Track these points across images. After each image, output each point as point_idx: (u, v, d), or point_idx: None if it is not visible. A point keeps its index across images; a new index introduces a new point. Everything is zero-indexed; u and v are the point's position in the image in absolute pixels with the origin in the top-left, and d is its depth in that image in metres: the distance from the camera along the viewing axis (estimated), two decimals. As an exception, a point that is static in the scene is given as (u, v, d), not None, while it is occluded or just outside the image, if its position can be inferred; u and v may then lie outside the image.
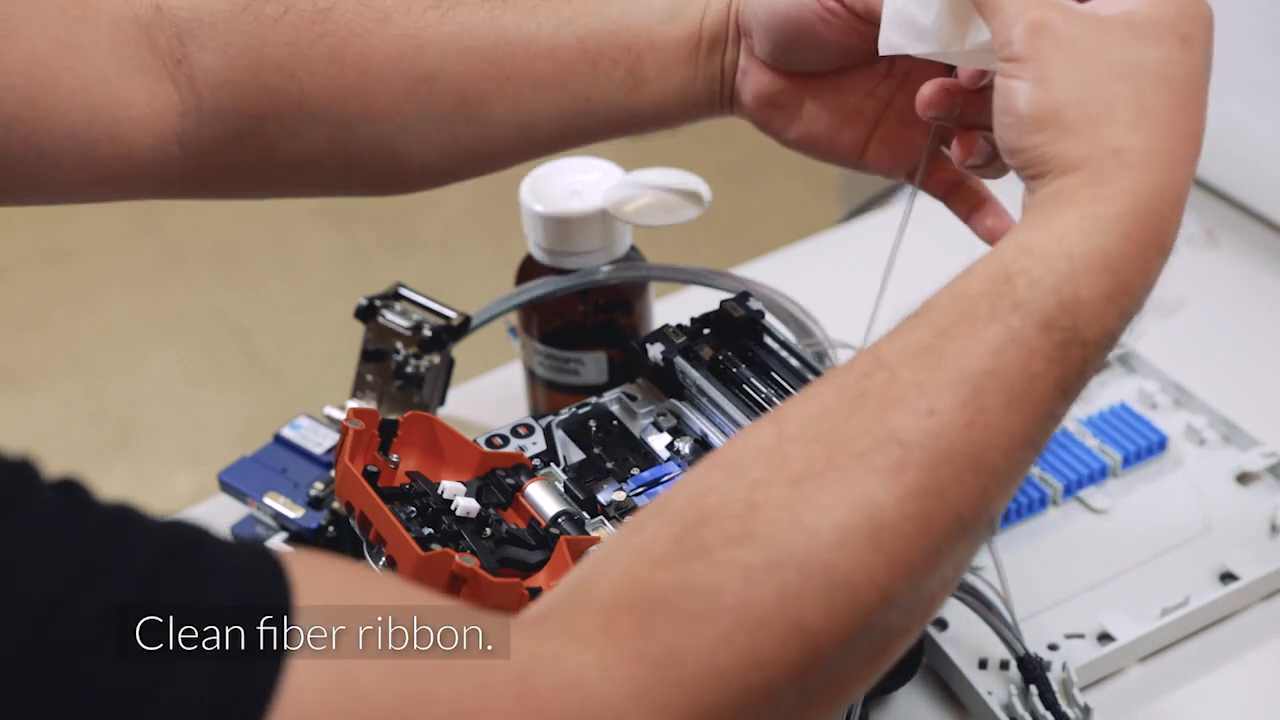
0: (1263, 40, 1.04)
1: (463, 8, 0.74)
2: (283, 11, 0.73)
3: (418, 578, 0.66)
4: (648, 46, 0.75)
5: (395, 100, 0.73)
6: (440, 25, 0.73)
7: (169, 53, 0.72)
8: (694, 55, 0.76)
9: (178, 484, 1.99)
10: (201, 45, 0.73)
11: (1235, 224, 1.10)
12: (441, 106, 0.74)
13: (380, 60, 0.73)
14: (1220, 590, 0.82)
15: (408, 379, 0.88)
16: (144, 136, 0.72)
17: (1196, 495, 0.88)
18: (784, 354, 0.78)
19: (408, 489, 0.72)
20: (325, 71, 0.73)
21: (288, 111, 0.73)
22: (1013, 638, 0.77)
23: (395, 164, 0.76)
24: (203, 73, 0.73)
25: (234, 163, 0.75)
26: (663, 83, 0.76)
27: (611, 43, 0.75)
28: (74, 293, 2.29)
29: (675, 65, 0.76)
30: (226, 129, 0.73)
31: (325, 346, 2.14)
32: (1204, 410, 0.92)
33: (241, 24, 0.73)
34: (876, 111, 0.76)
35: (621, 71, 0.75)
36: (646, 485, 0.74)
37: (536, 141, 0.77)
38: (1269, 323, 1.02)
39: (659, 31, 0.75)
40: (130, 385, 2.15)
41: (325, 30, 0.73)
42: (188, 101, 0.73)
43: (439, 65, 0.73)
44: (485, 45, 0.74)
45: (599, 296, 0.91)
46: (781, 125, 0.77)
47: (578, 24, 0.75)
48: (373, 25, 0.73)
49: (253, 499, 0.86)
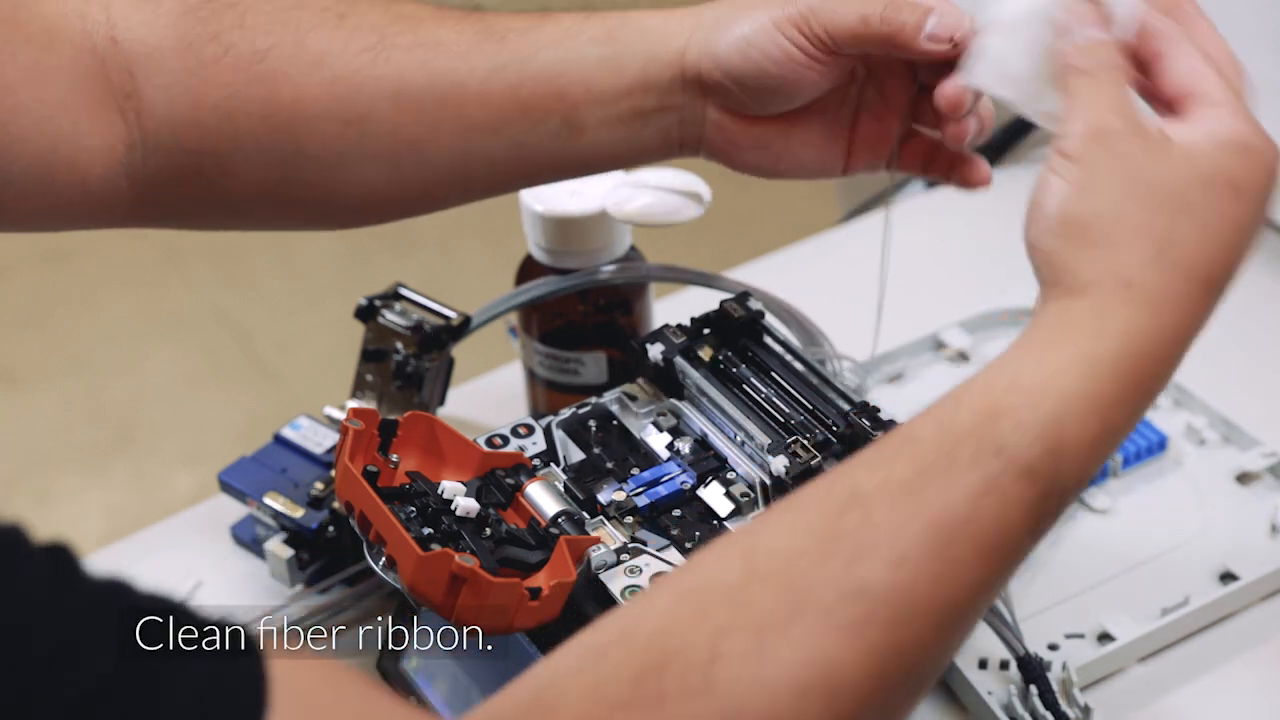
0: (1263, 40, 1.04)
1: (396, 52, 0.73)
2: (223, 52, 0.73)
3: (418, 577, 0.66)
4: (583, 96, 0.74)
5: (328, 142, 0.74)
6: (373, 69, 0.73)
7: (120, 86, 0.73)
8: (638, 107, 0.74)
9: (178, 484, 1.99)
10: (148, 80, 0.73)
11: (1235, 224, 1.09)
12: (374, 148, 0.74)
13: (312, 102, 0.73)
14: (1220, 590, 0.82)
15: (408, 379, 0.88)
16: (96, 167, 0.73)
17: (1196, 495, 0.88)
18: (784, 354, 0.78)
19: (408, 489, 0.72)
20: (260, 113, 0.73)
21: (224, 150, 0.74)
22: (1013, 638, 0.77)
23: (332, 203, 0.76)
24: (149, 108, 0.73)
25: (176, 197, 0.75)
26: (603, 132, 0.75)
27: (544, 91, 0.74)
28: (74, 293, 2.29)
29: (616, 116, 0.74)
30: (168, 165, 0.74)
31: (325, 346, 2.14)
32: (1204, 410, 0.92)
33: (184, 62, 0.73)
34: (851, 118, 0.76)
35: (556, 120, 0.74)
36: (646, 485, 0.74)
37: (474, 184, 0.77)
38: (1269, 323, 1.02)
39: (594, 81, 0.74)
40: (130, 385, 2.15)
41: (261, 72, 0.73)
42: (134, 135, 0.73)
43: (371, 108, 0.73)
44: (417, 89, 0.73)
45: (599, 296, 0.91)
46: (768, 165, 0.76)
47: (509, 70, 0.74)
48: (306, 68, 0.73)
49: (253, 499, 0.86)
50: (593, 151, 0.75)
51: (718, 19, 0.73)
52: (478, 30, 0.74)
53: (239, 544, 0.90)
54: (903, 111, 0.74)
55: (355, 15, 0.74)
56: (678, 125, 0.75)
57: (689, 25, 0.74)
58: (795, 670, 0.52)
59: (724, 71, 0.72)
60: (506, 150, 0.75)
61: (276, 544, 0.86)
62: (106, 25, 0.73)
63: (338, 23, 0.74)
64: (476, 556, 0.67)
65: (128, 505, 1.95)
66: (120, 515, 1.93)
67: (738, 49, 0.72)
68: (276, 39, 0.73)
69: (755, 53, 0.72)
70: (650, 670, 0.52)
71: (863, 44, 0.71)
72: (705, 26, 0.73)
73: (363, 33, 0.74)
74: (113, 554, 0.93)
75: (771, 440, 0.73)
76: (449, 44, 0.74)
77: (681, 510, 0.73)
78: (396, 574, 0.68)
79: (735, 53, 0.72)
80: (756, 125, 0.75)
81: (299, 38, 0.73)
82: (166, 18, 0.73)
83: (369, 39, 0.73)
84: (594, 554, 0.69)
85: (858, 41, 0.71)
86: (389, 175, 0.75)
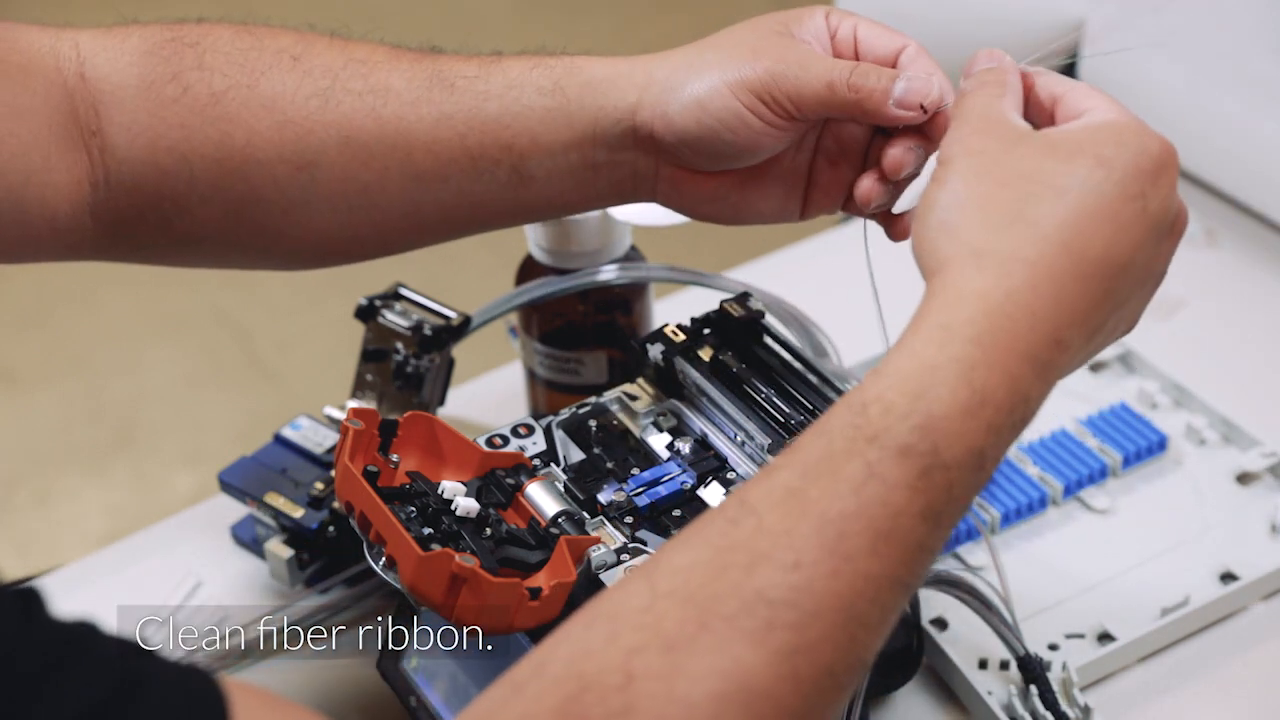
0: (1263, 40, 1.04)
1: (347, 97, 0.73)
2: (181, 92, 0.73)
3: (418, 577, 0.66)
4: (530, 147, 0.73)
5: (279, 185, 0.74)
6: (322, 114, 0.73)
7: (87, 123, 0.73)
8: (587, 160, 0.73)
9: (178, 484, 1.99)
10: (110, 119, 0.73)
11: (1235, 224, 1.10)
12: (324, 193, 0.74)
13: (264, 146, 0.73)
14: (1220, 590, 0.82)
15: (408, 379, 0.88)
16: (64, 203, 0.73)
17: (1196, 495, 0.88)
18: (784, 354, 0.78)
19: (408, 489, 0.72)
20: (214, 155, 0.73)
21: (180, 191, 0.74)
22: (1013, 638, 0.77)
23: (286, 246, 0.76)
24: (111, 148, 0.73)
25: (137, 235, 0.75)
26: (553, 183, 0.74)
27: (491, 141, 0.73)
28: (74, 293, 2.29)
29: (566, 167, 0.74)
30: (129, 204, 0.74)
31: (325, 346, 2.14)
32: (1204, 410, 0.92)
33: (144, 102, 0.73)
34: (807, 165, 0.75)
35: (504, 170, 0.73)
36: (646, 485, 0.74)
37: (427, 229, 0.77)
38: (1269, 323, 1.02)
39: (541, 133, 0.73)
40: (130, 385, 2.15)
41: (216, 114, 0.73)
42: (98, 173, 0.74)
43: (320, 154, 0.73)
44: (365, 136, 0.73)
45: (599, 296, 0.91)
46: (727, 215, 0.75)
47: (457, 120, 0.73)
48: (259, 111, 0.73)
49: (253, 499, 0.86)
50: (543, 200, 0.75)
51: (669, 76, 0.71)
52: (428, 76, 0.74)
53: (239, 544, 0.90)
54: (861, 157, 0.74)
55: (310, 58, 0.74)
56: (630, 178, 0.74)
57: (639, 82, 0.72)
58: (709, 682, 0.53)
59: (677, 134, 0.71)
60: (456, 197, 0.74)
61: (276, 544, 0.86)
62: (76, 61, 0.73)
63: (292, 65, 0.74)
64: (476, 556, 0.67)
65: (128, 505, 1.95)
66: (120, 515, 1.93)
67: (691, 114, 0.71)
68: (232, 81, 0.73)
69: (710, 118, 0.70)
70: (571, 698, 0.53)
71: (828, 111, 0.70)
72: (657, 84, 0.72)
73: (314, 77, 0.74)
74: (113, 554, 0.93)
75: (771, 440, 0.73)
76: (399, 90, 0.73)
77: (681, 510, 0.73)
78: (396, 574, 0.68)
79: (689, 117, 0.71)
80: (712, 180, 0.74)
81: (254, 80, 0.73)
82: (131, 55, 0.74)
83: (321, 83, 0.73)
84: (594, 554, 0.69)
85: (823, 109, 0.70)
86: (341, 219, 0.75)
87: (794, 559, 0.55)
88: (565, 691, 0.53)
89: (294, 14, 2.33)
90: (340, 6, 2.82)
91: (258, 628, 0.85)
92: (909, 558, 0.56)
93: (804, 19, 0.72)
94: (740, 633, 0.54)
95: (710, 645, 0.53)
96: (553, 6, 2.79)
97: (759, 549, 0.55)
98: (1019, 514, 0.87)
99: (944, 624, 0.81)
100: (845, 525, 0.55)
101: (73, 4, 2.81)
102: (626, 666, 0.53)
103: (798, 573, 0.54)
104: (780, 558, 0.55)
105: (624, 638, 0.54)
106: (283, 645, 0.85)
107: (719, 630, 0.54)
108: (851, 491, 0.55)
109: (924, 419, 0.56)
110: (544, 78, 0.73)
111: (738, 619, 0.54)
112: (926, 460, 0.56)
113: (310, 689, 0.83)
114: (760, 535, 0.55)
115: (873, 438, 0.56)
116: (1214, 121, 1.09)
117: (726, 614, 0.54)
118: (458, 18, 2.74)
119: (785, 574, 0.54)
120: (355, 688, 0.83)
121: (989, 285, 0.58)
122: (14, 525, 1.94)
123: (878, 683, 0.75)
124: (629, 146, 0.73)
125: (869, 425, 0.56)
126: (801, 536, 0.55)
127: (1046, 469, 0.89)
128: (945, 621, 0.81)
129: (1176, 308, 1.03)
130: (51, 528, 1.93)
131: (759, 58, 0.70)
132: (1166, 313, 1.03)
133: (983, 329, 0.57)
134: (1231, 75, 1.07)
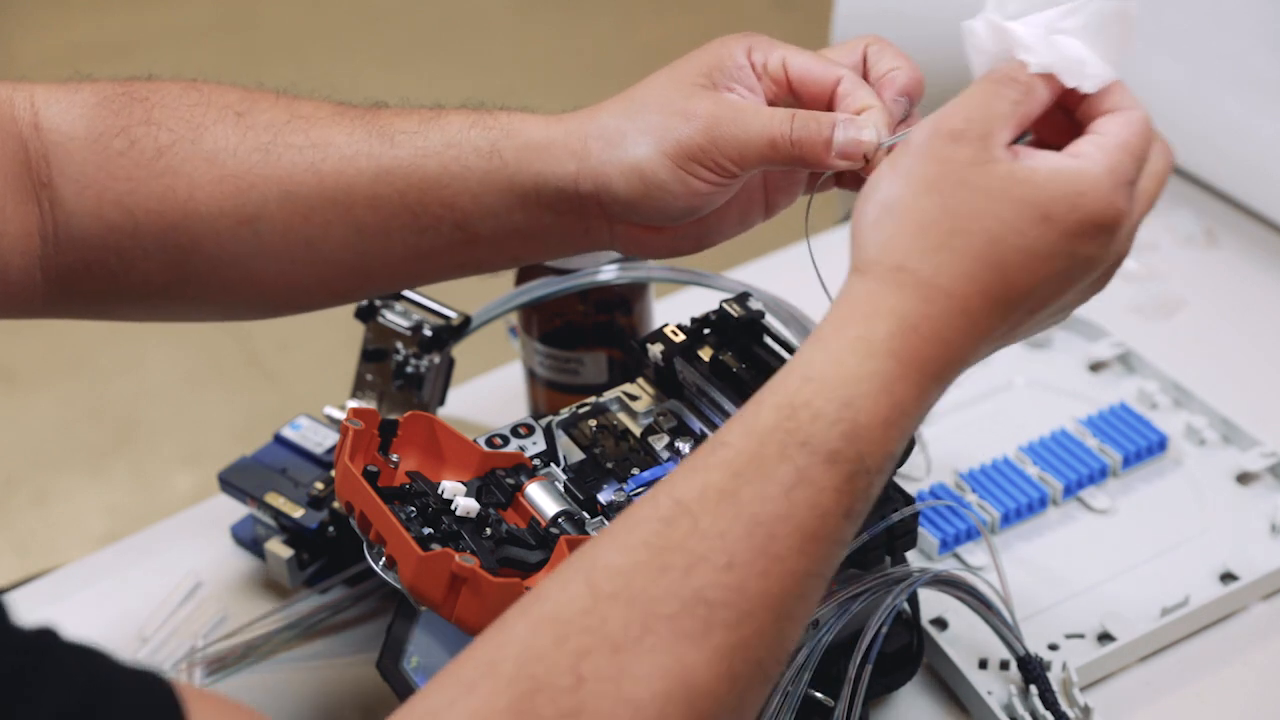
0: (1263, 40, 1.04)
1: (288, 151, 0.73)
2: (128, 146, 0.73)
3: (418, 577, 0.66)
4: (472, 207, 0.72)
5: (222, 239, 0.74)
6: (264, 168, 0.73)
7: (38, 174, 0.73)
8: (535, 222, 0.73)
9: (178, 484, 1.99)
10: (60, 170, 0.73)
11: (1235, 224, 1.10)
12: (268, 246, 0.74)
13: (206, 200, 0.73)
14: (1220, 590, 0.82)
15: (408, 379, 0.88)
16: (16, 257, 0.73)
17: (1196, 495, 0.88)
18: (784, 354, 0.78)
19: (408, 489, 0.72)
20: (157, 209, 0.73)
21: (125, 245, 0.74)
22: (1013, 638, 0.77)
23: (230, 296, 0.76)
24: (60, 200, 0.73)
25: (86, 291, 0.75)
26: (500, 242, 0.73)
27: (433, 199, 0.72)
28: (74, 293, 2.29)
29: (511, 229, 0.73)
30: (76, 257, 0.74)
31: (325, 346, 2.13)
32: (1204, 410, 0.92)
33: (93, 154, 0.73)
34: (762, 178, 0.74)
35: (448, 227, 0.73)
36: (646, 485, 0.74)
37: (374, 281, 0.77)
38: (1269, 323, 1.02)
39: (482, 195, 0.72)
40: (130, 385, 2.15)
41: (160, 168, 0.73)
42: (47, 226, 0.73)
43: (261, 209, 0.73)
44: (306, 190, 0.73)
45: (599, 296, 0.91)
46: (690, 248, 0.75)
47: (396, 176, 0.72)
48: (201, 165, 0.73)
49: (253, 498, 0.86)
50: (493, 253, 0.75)
51: (605, 147, 0.70)
52: (368, 131, 0.73)
53: (239, 544, 0.90)
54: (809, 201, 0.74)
55: (253, 114, 0.74)
56: (583, 235, 0.74)
57: (576, 150, 0.71)
58: (654, 682, 0.55)
59: (622, 202, 0.71)
60: (403, 251, 0.74)
61: (276, 544, 0.86)
62: (32, 112, 0.73)
63: (236, 120, 0.74)
64: (476, 556, 0.67)
65: (128, 505, 1.95)
66: (120, 515, 1.93)
67: (631, 182, 0.70)
68: (178, 135, 0.73)
69: (652, 186, 0.70)
70: (523, 698, 0.55)
71: (770, 164, 0.70)
72: (594, 155, 0.71)
73: (257, 131, 0.74)
74: (113, 554, 0.93)
75: (771, 440, 0.73)
76: (339, 145, 0.73)
77: (681, 510, 0.73)
78: (396, 574, 0.68)
79: (629, 185, 0.70)
80: (667, 230, 0.73)
81: (197, 135, 0.73)
82: (82, 107, 0.74)
83: (263, 138, 0.73)
84: (594, 554, 0.69)
85: (765, 163, 0.69)
86: (285, 271, 0.75)
87: (728, 560, 0.57)
88: (518, 691, 0.55)
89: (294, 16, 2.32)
90: (340, 6, 2.83)
91: (258, 628, 0.85)
92: (831, 554, 0.59)
93: (725, 63, 0.71)
94: (682, 633, 0.56)
95: (654, 646, 0.56)
96: (553, 6, 2.79)
97: (696, 551, 0.57)
98: (1019, 514, 0.87)
99: (944, 624, 0.81)
100: (776, 527, 0.57)
101: (71, 6, 2.81)
102: (576, 669, 0.55)
103: (732, 573, 0.57)
104: (716, 559, 0.57)
105: (572, 641, 0.56)
106: (283, 645, 0.85)
107: (662, 631, 0.56)
108: (782, 494, 0.58)
109: (850, 426, 0.58)
110: (481, 138, 0.72)
111: (679, 620, 0.56)
112: (853, 465, 0.58)
113: (310, 689, 0.83)
114: (696, 537, 0.57)
115: (803, 442, 0.58)
116: (1214, 121, 1.09)
117: (667, 615, 0.56)
118: (458, 17, 2.74)
119: (721, 574, 0.57)
120: (355, 688, 0.83)
121: (908, 307, 0.60)
122: (13, 525, 1.94)
123: (878, 682, 0.75)
124: (575, 210, 0.72)
125: (799, 430, 0.58)
126: (735, 538, 0.57)
127: (1046, 469, 0.89)
128: (945, 621, 0.81)
129: (1176, 308, 1.03)
130: (51, 528, 1.93)
131: (690, 120, 0.69)
132: (1167, 313, 1.03)
133: (899, 345, 0.59)
134: (1231, 75, 1.07)
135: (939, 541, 0.85)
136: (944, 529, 0.85)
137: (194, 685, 0.53)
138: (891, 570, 0.74)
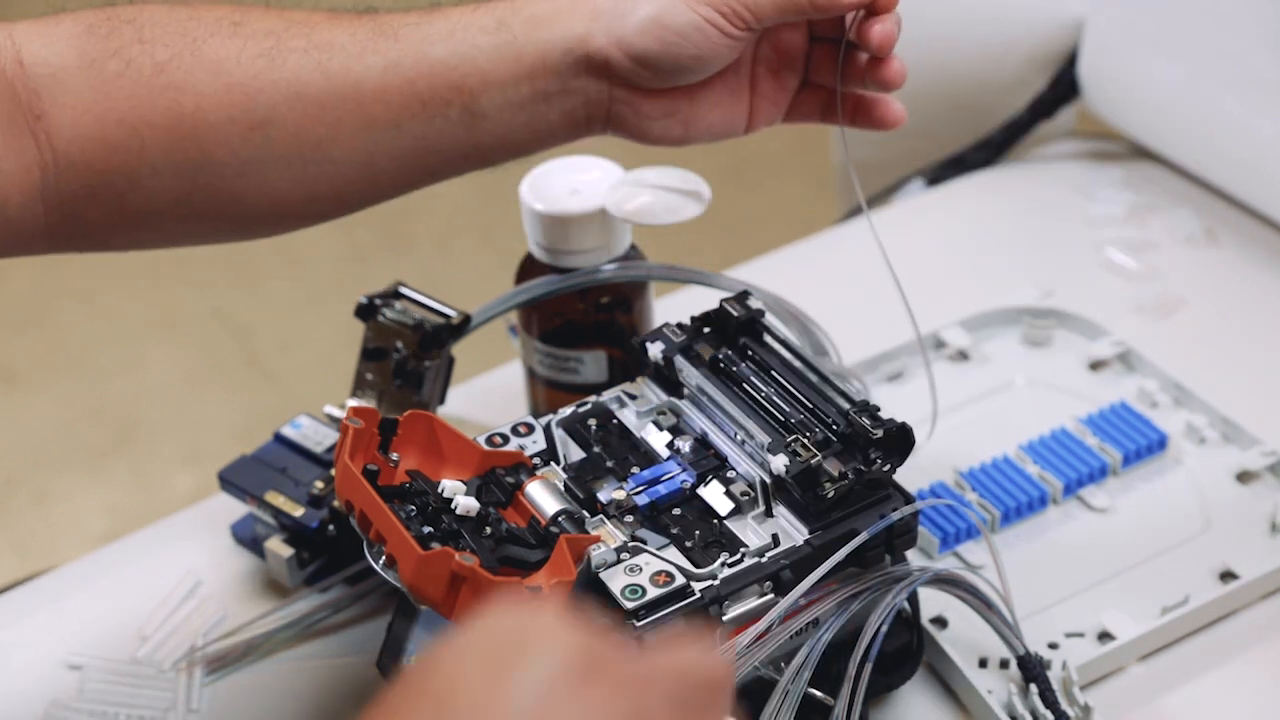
0: (1263, 40, 1.04)
1: (292, 55, 0.75)
2: (124, 67, 0.74)
3: (418, 576, 0.66)
4: (480, 85, 0.75)
5: (232, 148, 0.74)
6: (270, 73, 0.74)
7: (29, 108, 0.73)
8: (539, 90, 0.76)
9: (178, 484, 1.99)
10: (54, 101, 0.73)
11: (1235, 224, 1.10)
12: (279, 152, 0.75)
13: (214, 109, 0.74)
14: (1220, 589, 0.82)
15: (408, 378, 0.88)
16: (14, 194, 0.73)
17: (1196, 494, 0.88)
18: (784, 353, 0.78)
19: (408, 488, 0.72)
20: (163, 124, 0.74)
21: (131, 164, 0.74)
22: (1013, 637, 0.77)
23: (241, 209, 0.77)
24: (57, 129, 0.73)
25: (91, 218, 0.75)
26: (505, 117, 0.76)
27: (441, 83, 0.75)
28: (74, 293, 2.29)
29: (517, 101, 0.76)
30: (80, 185, 0.74)
31: (325, 346, 2.13)
32: (1204, 409, 0.92)
33: (88, 80, 0.74)
34: (750, 75, 0.78)
35: (456, 110, 0.75)
36: (646, 484, 0.74)
37: (381, 181, 0.78)
38: (1269, 322, 1.02)
39: (490, 69, 0.75)
40: (130, 385, 2.15)
41: (162, 84, 0.74)
42: (45, 157, 0.74)
43: (271, 112, 0.74)
44: (315, 90, 0.74)
45: (599, 295, 0.91)
46: (678, 132, 0.78)
47: (405, 66, 0.75)
48: (205, 76, 0.74)
49: (253, 497, 0.86)
50: (497, 138, 0.77)
51: (618, 3, 0.75)
52: (370, 30, 0.76)
53: (239, 543, 0.90)
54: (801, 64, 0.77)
55: (249, 23, 0.75)
56: (583, 105, 0.77)
57: (585, 14, 0.75)
58: None
59: (635, 56, 0.74)
60: (411, 144, 0.76)
61: (276, 543, 0.86)
62: (13, 49, 0.73)
63: (233, 30, 0.75)
64: (476, 555, 0.67)
65: (128, 505, 1.95)
66: (120, 515, 1.93)
67: (650, 32, 0.74)
68: (175, 50, 0.74)
69: (670, 34, 0.74)
70: None
71: (783, 15, 0.73)
72: (606, 13, 0.75)
73: (257, 39, 0.75)
74: (113, 554, 0.93)
75: (771, 439, 0.73)
76: (343, 44, 0.75)
77: (681, 509, 0.73)
78: (396, 573, 0.68)
79: (647, 35, 0.74)
80: (664, 96, 0.77)
81: (196, 48, 0.74)
82: (67, 38, 0.74)
83: (264, 44, 0.75)
84: (594, 553, 0.69)
85: (779, 14, 0.73)
86: (297, 177, 0.76)
87: None
88: None
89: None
90: (340, 7, 2.83)
91: (257, 627, 0.85)
92: None
93: None
94: None
95: None
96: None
97: None
98: (1019, 513, 0.87)
99: (944, 623, 0.81)
100: None
101: None
102: None
103: None
104: None
105: None
106: (283, 644, 0.85)
107: None
108: None
109: None
110: (485, 18, 0.76)
111: None
112: None
113: (310, 688, 0.83)
114: None
115: None
116: (1214, 121, 1.09)
117: None
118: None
119: None
120: (355, 688, 0.83)
121: None
122: (13, 525, 1.94)
123: (878, 682, 0.75)
124: (580, 74, 0.76)
125: None
126: None
127: (1046, 468, 0.89)
128: (945, 620, 0.81)
129: (1176, 307, 1.03)
130: (51, 527, 1.93)
131: None
132: (1166, 312, 1.03)
133: None
134: (1231, 75, 1.07)
135: (939, 540, 0.85)
136: (944, 527, 0.85)
137: None
138: (891, 569, 0.74)
